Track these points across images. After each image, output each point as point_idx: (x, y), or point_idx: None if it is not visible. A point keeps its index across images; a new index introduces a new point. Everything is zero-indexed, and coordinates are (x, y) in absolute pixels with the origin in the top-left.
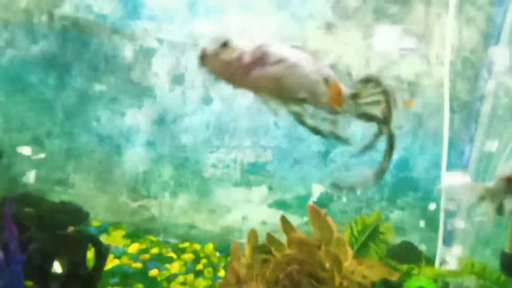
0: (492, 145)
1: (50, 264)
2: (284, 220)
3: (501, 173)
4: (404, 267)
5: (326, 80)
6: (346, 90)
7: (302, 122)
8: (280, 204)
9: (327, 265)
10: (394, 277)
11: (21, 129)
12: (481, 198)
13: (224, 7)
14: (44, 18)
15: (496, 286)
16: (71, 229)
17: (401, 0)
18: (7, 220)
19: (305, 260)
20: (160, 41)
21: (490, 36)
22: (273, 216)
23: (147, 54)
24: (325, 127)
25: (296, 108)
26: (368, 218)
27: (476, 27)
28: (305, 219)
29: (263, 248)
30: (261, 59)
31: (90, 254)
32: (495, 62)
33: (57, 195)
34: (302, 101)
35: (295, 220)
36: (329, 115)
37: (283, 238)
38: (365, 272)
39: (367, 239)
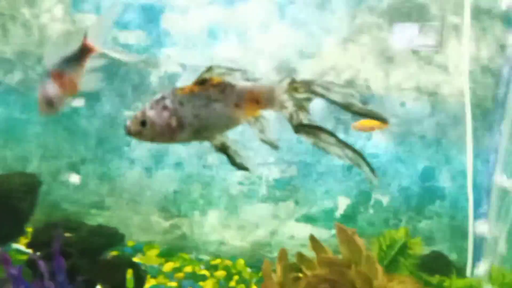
0: None
1: None
2: (313, 239)
3: None
4: (435, 279)
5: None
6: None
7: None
8: (307, 218)
9: (358, 285)
10: None
11: (57, 157)
12: None
13: (242, 30)
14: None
15: None
16: (110, 254)
17: (417, 13)
18: (56, 253)
19: (336, 280)
20: (183, 66)
21: (506, 43)
22: (301, 230)
23: (171, 79)
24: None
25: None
26: (396, 233)
27: (493, 35)
28: (333, 232)
29: (294, 267)
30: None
31: (129, 277)
32: None
33: (94, 218)
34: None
35: (322, 233)
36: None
37: (312, 253)
38: None
39: (396, 254)
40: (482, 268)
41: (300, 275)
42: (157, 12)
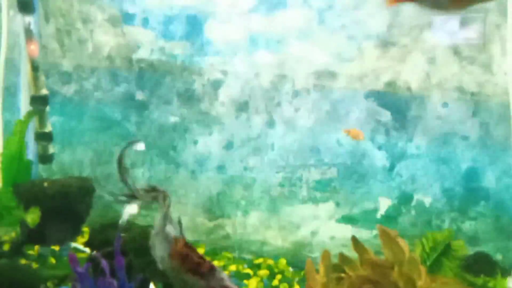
0: None
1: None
2: (355, 240)
3: None
4: (480, 280)
5: None
6: None
7: None
8: (348, 219)
9: (401, 285)
10: None
11: (109, 162)
12: None
13: (282, 37)
14: (124, 62)
15: None
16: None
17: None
18: (117, 252)
19: (379, 281)
20: (224, 73)
21: None
22: (342, 231)
23: (214, 86)
24: None
25: None
26: (439, 234)
27: None
28: (374, 232)
29: (337, 267)
30: None
31: None
32: None
33: (144, 219)
34: None
35: (363, 234)
36: None
37: (353, 254)
38: None
39: (440, 256)
40: None
41: (343, 275)
42: (200, 22)
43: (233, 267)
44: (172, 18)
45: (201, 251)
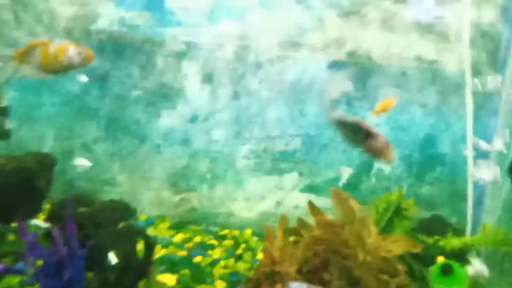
0: None
1: (106, 257)
2: (311, 204)
3: None
4: (431, 239)
5: None
6: None
7: None
8: (311, 188)
9: (351, 243)
10: (417, 249)
11: (70, 137)
12: None
13: (244, 7)
14: (82, 34)
15: None
16: (121, 225)
17: None
18: (68, 221)
19: (331, 239)
20: (187, 45)
21: (507, 9)
22: (305, 200)
23: (176, 58)
24: None
25: None
26: (391, 195)
27: (493, 1)
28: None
29: (294, 231)
30: None
31: (140, 246)
32: None
33: (107, 194)
34: None
35: (326, 202)
36: None
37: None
38: (390, 247)
39: (392, 216)
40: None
41: (300, 239)
42: None
43: (198, 239)
44: None
45: (166, 225)
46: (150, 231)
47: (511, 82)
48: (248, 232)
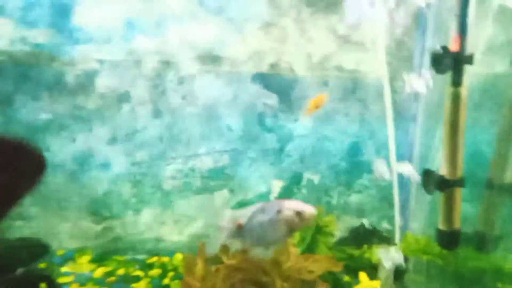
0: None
1: None
2: None
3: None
4: (357, 251)
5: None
6: None
7: None
8: (243, 205)
9: (268, 269)
10: (338, 268)
11: None
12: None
13: (161, 21)
14: None
15: (439, 259)
16: (20, 270)
17: None
18: None
19: (247, 268)
20: (100, 62)
21: (419, 16)
22: None
23: (89, 76)
24: None
25: None
26: None
27: (406, 9)
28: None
29: (216, 259)
30: None
31: None
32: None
33: (19, 230)
34: None
35: None
36: None
37: None
38: (311, 267)
39: (315, 233)
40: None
41: (221, 267)
42: (67, 7)
43: (121, 271)
44: (32, 4)
45: (87, 258)
46: (69, 267)
47: (427, 89)
48: (178, 257)
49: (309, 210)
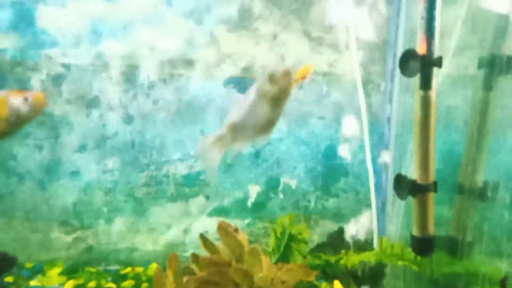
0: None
1: None
2: (202, 237)
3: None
4: (333, 257)
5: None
6: None
7: None
8: (219, 211)
9: (239, 281)
10: (311, 278)
11: None
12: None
13: (129, 24)
14: None
15: (414, 265)
16: None
17: None
18: None
19: (218, 280)
20: (66, 67)
21: (391, 18)
22: (214, 225)
23: (55, 82)
24: None
25: None
26: (284, 219)
27: (378, 12)
28: (246, 221)
29: (187, 270)
30: None
31: None
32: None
33: None
34: None
35: (236, 224)
36: None
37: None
38: (284, 277)
39: (289, 241)
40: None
41: (192, 279)
42: (29, 10)
43: (92, 284)
44: None
45: (57, 270)
46: (37, 281)
47: (399, 91)
48: (153, 266)
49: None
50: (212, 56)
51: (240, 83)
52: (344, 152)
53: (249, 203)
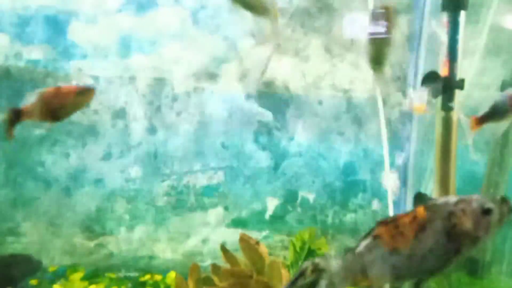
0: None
1: None
2: (223, 249)
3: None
4: None
5: None
6: None
7: None
8: (237, 223)
9: None
10: None
11: None
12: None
13: (155, 38)
14: None
15: (433, 283)
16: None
17: (326, 13)
18: None
19: None
20: (95, 78)
21: (412, 38)
22: (232, 236)
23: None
24: None
25: None
26: (305, 233)
27: (399, 31)
28: (264, 233)
29: (207, 280)
30: None
31: None
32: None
33: (11, 246)
34: None
35: (254, 235)
36: None
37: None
38: None
39: (308, 255)
40: None
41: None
42: (62, 23)
43: None
44: (28, 19)
45: (79, 275)
46: (60, 285)
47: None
48: (172, 275)
49: None
50: (234, 70)
51: (261, 97)
52: (363, 168)
53: (267, 216)
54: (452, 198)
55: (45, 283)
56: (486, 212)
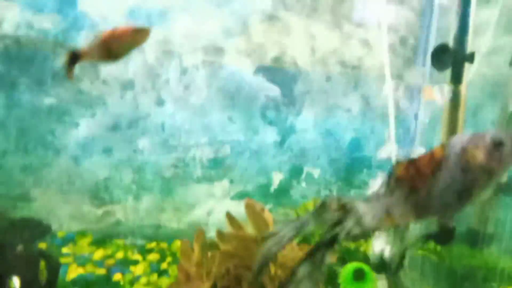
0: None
1: (5, 284)
2: (229, 216)
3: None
4: (352, 245)
5: None
6: None
7: None
8: (242, 195)
9: None
10: (332, 260)
11: None
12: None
13: (165, 11)
14: None
15: (434, 255)
16: (20, 247)
17: None
18: None
19: (243, 254)
20: None
21: (423, 13)
22: (237, 208)
23: (93, 63)
24: None
25: None
26: (309, 204)
27: (410, 6)
28: (268, 207)
29: (213, 245)
30: None
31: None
32: None
33: (21, 211)
34: None
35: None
36: None
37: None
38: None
39: None
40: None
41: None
42: None
43: (120, 255)
44: None
45: (87, 240)
46: (69, 248)
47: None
48: (177, 244)
49: None
50: (243, 45)
51: (269, 72)
52: (369, 144)
53: (272, 190)
54: (466, 135)
55: (54, 247)
56: (498, 144)
